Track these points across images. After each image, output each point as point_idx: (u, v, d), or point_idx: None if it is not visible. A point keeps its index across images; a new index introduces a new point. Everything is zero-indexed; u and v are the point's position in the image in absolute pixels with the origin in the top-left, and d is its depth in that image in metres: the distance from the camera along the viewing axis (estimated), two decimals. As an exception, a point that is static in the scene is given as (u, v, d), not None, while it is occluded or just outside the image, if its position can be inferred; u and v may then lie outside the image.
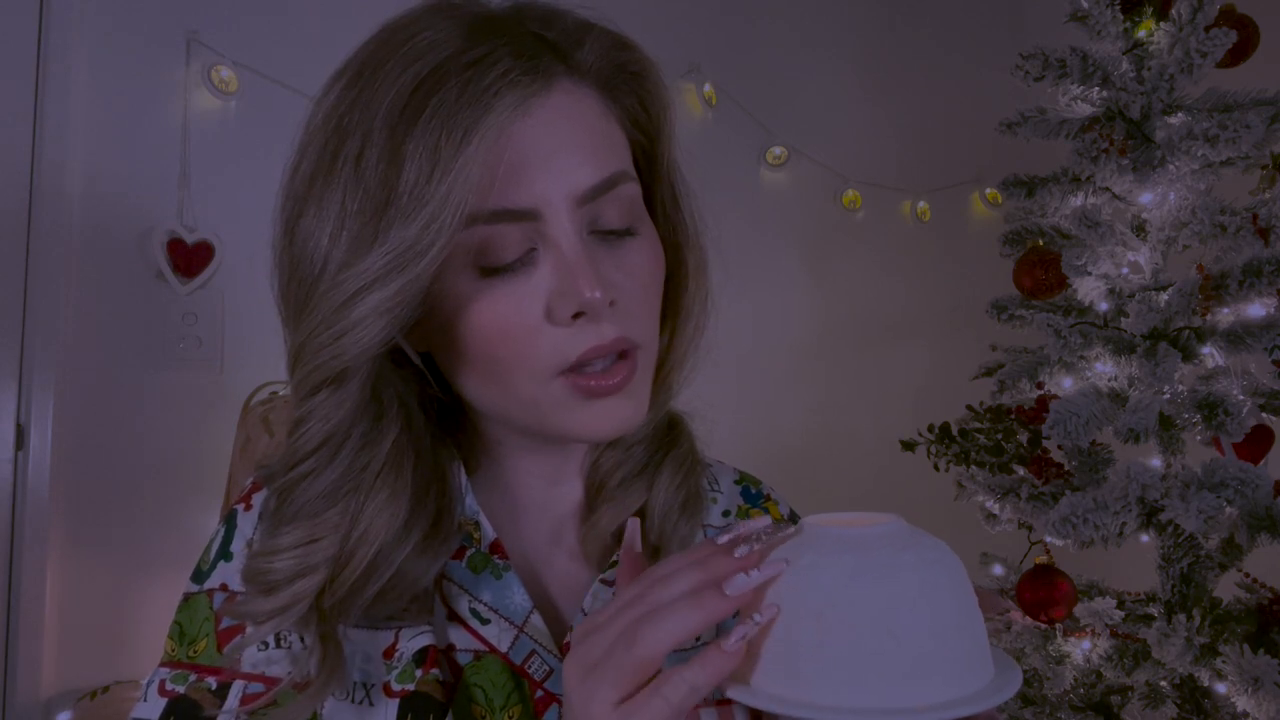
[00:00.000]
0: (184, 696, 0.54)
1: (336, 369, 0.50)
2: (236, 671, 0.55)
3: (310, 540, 0.52)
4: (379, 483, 0.54)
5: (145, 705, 0.55)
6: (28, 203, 1.64)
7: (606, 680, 0.42)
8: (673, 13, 2.22)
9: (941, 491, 1.75)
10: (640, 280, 0.54)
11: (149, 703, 0.55)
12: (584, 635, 0.44)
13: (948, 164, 2.56)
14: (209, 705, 0.54)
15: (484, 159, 0.48)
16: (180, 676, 0.55)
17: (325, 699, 0.52)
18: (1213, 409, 1.30)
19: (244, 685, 0.54)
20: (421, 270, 0.48)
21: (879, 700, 0.39)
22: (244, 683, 0.54)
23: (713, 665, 0.41)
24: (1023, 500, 1.51)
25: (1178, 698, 1.42)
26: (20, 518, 1.60)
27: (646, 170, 0.60)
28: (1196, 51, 1.37)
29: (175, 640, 0.57)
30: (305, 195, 0.51)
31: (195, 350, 1.75)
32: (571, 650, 0.45)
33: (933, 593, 0.40)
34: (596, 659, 0.43)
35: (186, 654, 0.56)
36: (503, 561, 0.59)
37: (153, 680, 0.56)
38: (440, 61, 0.48)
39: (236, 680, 0.54)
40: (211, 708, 0.54)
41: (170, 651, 0.57)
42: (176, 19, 1.74)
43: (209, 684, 0.55)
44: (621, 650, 0.42)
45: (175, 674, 0.56)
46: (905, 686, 0.39)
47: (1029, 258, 1.52)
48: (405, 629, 0.55)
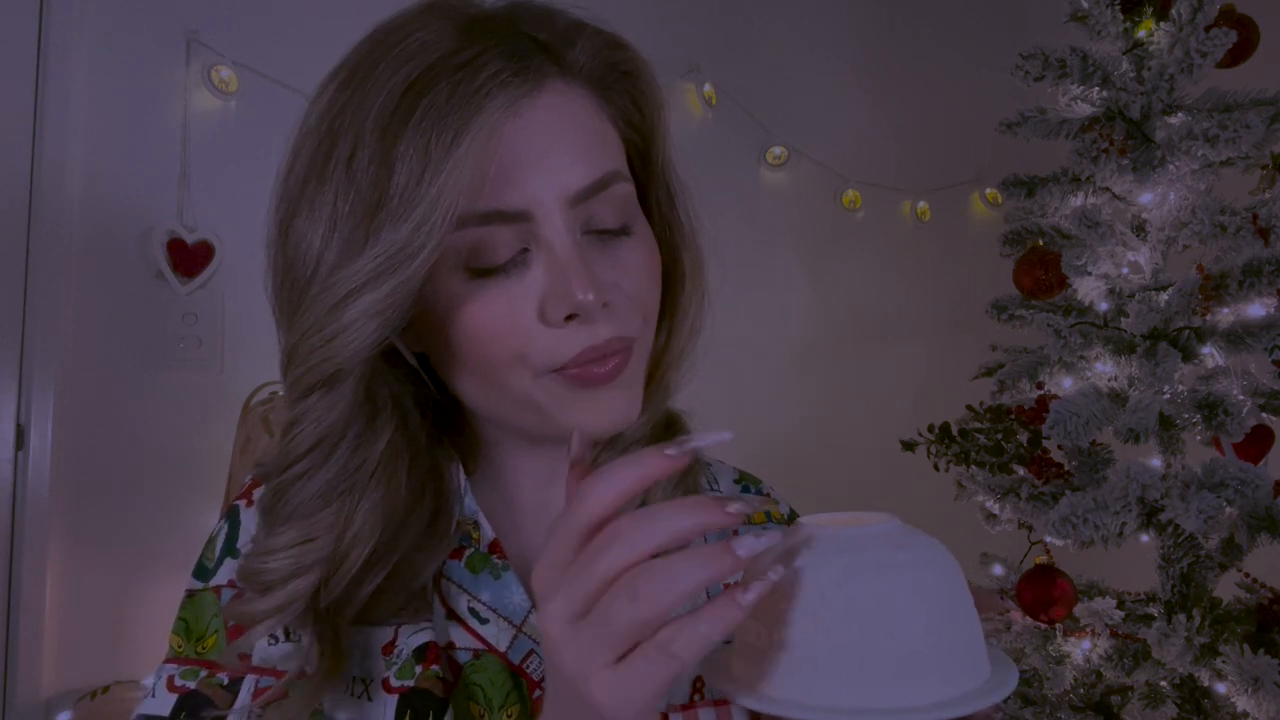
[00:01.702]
0: (195, 692, 0.54)
1: (328, 371, 0.50)
2: (247, 666, 0.55)
3: (305, 540, 0.52)
4: (373, 483, 0.54)
5: (153, 702, 0.55)
6: (28, 203, 1.64)
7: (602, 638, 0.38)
8: (672, 13, 2.22)
9: (941, 491, 1.75)
10: (635, 280, 0.54)
11: (157, 699, 0.55)
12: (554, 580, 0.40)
13: (948, 164, 2.56)
14: (221, 700, 0.54)
15: (474, 160, 0.48)
16: (190, 672, 0.55)
17: (324, 694, 0.52)
18: (1213, 409, 1.30)
19: (255, 680, 0.54)
20: (413, 272, 0.48)
21: (874, 700, 0.39)
22: (255, 677, 0.54)
23: (726, 619, 0.38)
24: (1023, 500, 1.51)
25: (1178, 698, 1.42)
26: (20, 518, 1.61)
27: (641, 170, 0.60)
28: (1196, 51, 1.37)
29: (182, 636, 0.57)
30: (298, 197, 0.51)
31: (195, 350, 1.75)
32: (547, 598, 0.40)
33: (928, 592, 0.40)
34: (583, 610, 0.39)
35: (195, 650, 0.56)
36: (501, 561, 0.59)
37: (159, 677, 0.56)
38: (431, 63, 0.48)
39: (248, 675, 0.55)
40: (223, 703, 0.54)
41: (177, 648, 0.57)
42: (176, 19, 1.75)
43: (220, 679, 0.55)
44: (622, 605, 0.38)
45: (185, 670, 0.56)
46: (901, 686, 0.39)
47: (1029, 258, 1.52)
48: (404, 626, 0.56)
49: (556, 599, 0.40)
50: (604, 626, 0.38)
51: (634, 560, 0.38)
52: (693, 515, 0.39)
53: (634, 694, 0.38)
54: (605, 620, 0.38)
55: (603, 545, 0.39)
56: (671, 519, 0.39)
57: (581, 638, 0.39)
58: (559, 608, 0.40)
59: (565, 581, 0.40)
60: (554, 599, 0.40)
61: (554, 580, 0.40)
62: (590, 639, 0.39)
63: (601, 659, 0.38)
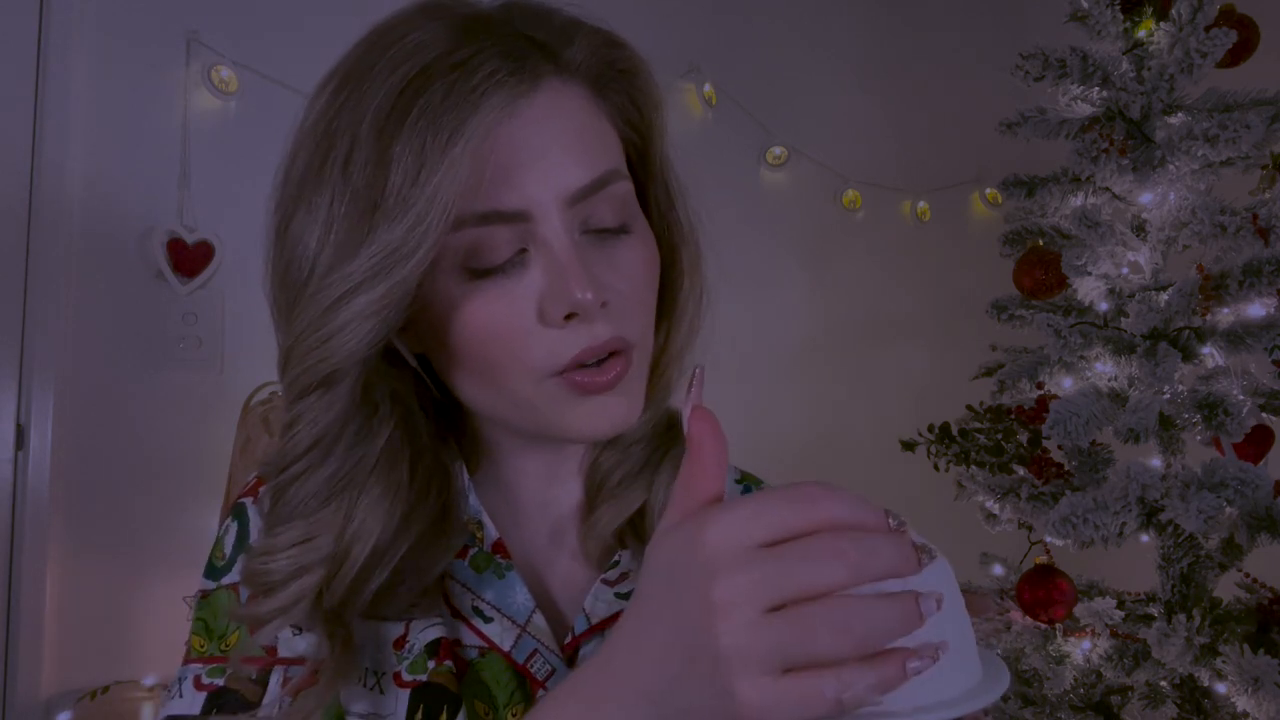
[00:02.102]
0: (225, 689, 0.55)
1: (325, 371, 0.50)
2: (274, 659, 0.55)
3: (306, 539, 0.53)
4: (372, 479, 0.54)
5: (180, 702, 0.55)
6: (28, 203, 1.64)
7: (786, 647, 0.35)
8: (672, 12, 2.22)
9: (941, 491, 1.75)
10: (634, 279, 0.54)
11: (185, 699, 0.55)
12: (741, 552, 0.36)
13: (948, 164, 2.56)
14: (251, 694, 0.55)
15: (471, 160, 0.48)
16: (217, 670, 0.56)
17: (335, 691, 0.52)
18: (1213, 409, 1.30)
19: (283, 670, 0.55)
20: (408, 273, 0.48)
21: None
22: (283, 668, 0.55)
23: (891, 679, 0.36)
24: (1023, 500, 1.51)
25: (1178, 698, 1.42)
26: (20, 518, 1.61)
27: (639, 168, 0.60)
28: (1196, 51, 1.37)
29: (203, 636, 0.57)
30: (295, 198, 0.51)
31: (195, 350, 1.75)
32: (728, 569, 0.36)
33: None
34: (778, 601, 0.35)
35: (219, 648, 0.57)
36: (505, 561, 0.59)
37: (184, 677, 0.56)
38: (427, 63, 0.48)
39: (276, 667, 0.55)
40: (254, 696, 0.54)
41: (199, 648, 0.57)
42: (176, 19, 1.75)
43: (249, 673, 0.55)
44: (829, 634, 0.35)
45: (211, 668, 0.56)
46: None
47: (1029, 258, 1.52)
48: (416, 621, 0.56)
49: (743, 575, 0.36)
50: (797, 638, 0.35)
51: (844, 585, 0.36)
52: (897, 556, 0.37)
53: (783, 712, 0.35)
54: (803, 634, 0.35)
55: (818, 552, 0.36)
56: (885, 554, 0.36)
57: (764, 631, 0.35)
58: (749, 586, 0.35)
59: (769, 561, 0.36)
60: (740, 572, 0.36)
61: (744, 554, 0.36)
62: (774, 638, 0.35)
63: (772, 663, 0.35)
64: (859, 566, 0.36)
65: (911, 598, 0.36)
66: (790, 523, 0.37)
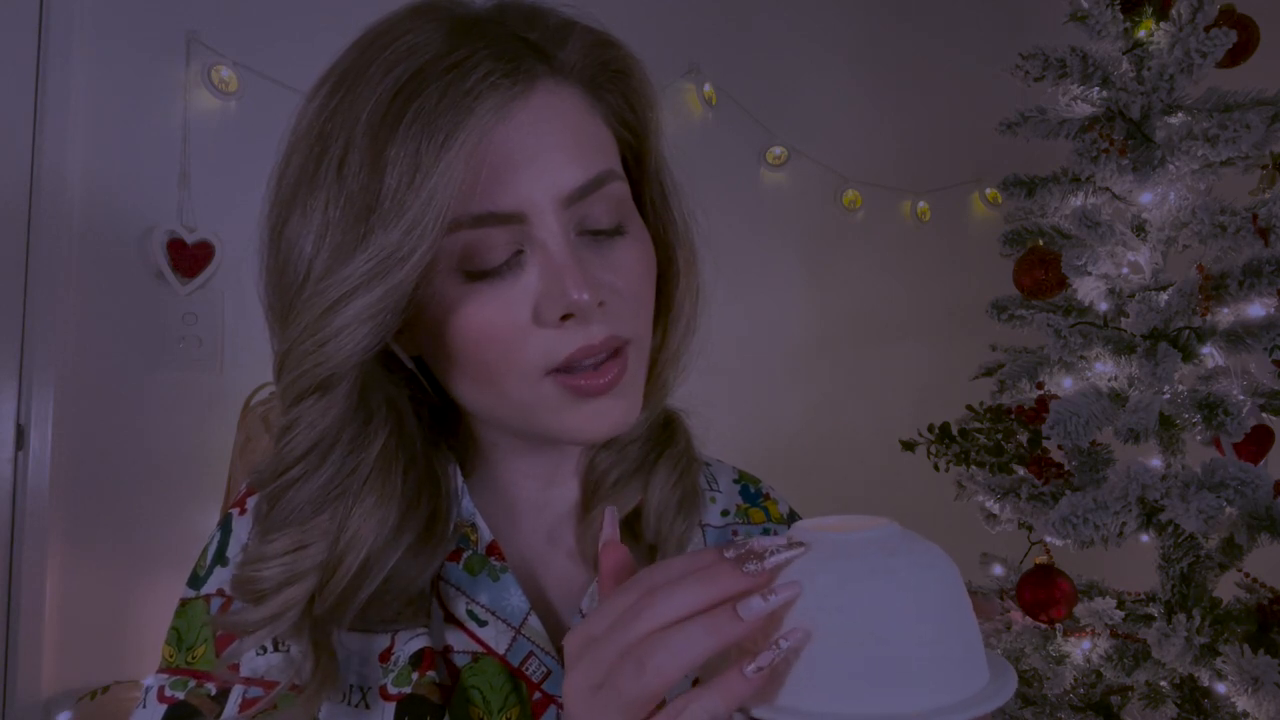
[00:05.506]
0: (183, 703, 0.54)
1: (321, 376, 0.50)
2: (235, 677, 0.54)
3: (298, 547, 0.52)
4: (366, 487, 0.54)
5: (144, 712, 0.55)
6: (28, 203, 1.64)
7: (613, 708, 0.40)
8: (672, 13, 2.22)
9: (941, 491, 1.75)
10: (630, 279, 0.54)
11: (148, 709, 0.55)
12: (582, 648, 0.42)
13: (948, 164, 2.56)
14: (208, 711, 0.54)
15: (466, 163, 0.47)
16: (179, 683, 0.55)
17: (319, 705, 0.52)
18: (1213, 409, 1.30)
19: (243, 690, 0.54)
20: (404, 276, 0.48)
21: (870, 707, 0.38)
22: (243, 688, 0.54)
23: (734, 692, 0.39)
24: (1023, 500, 1.51)
25: (1178, 698, 1.42)
26: (20, 518, 1.61)
27: (635, 168, 0.60)
28: (1196, 51, 1.37)
29: (173, 646, 0.57)
30: (290, 202, 0.51)
31: (195, 350, 1.75)
32: (572, 666, 0.42)
33: (924, 598, 0.40)
34: (601, 680, 0.40)
35: (185, 660, 0.56)
36: (500, 563, 0.59)
37: (151, 686, 0.56)
38: (421, 66, 0.48)
39: (235, 686, 0.54)
40: (211, 714, 0.54)
41: (168, 658, 0.57)
42: (176, 19, 1.75)
43: (208, 690, 0.55)
44: (630, 677, 0.39)
45: (174, 680, 0.56)
46: (896, 693, 0.39)
47: (1029, 258, 1.52)
48: (401, 632, 0.55)
49: (580, 667, 0.41)
50: (616, 698, 0.39)
51: (653, 630, 0.40)
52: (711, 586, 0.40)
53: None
54: (616, 691, 0.39)
55: (630, 617, 0.40)
56: (692, 591, 0.40)
57: (595, 706, 0.40)
58: (581, 676, 0.41)
59: (592, 649, 0.41)
60: (577, 666, 0.42)
61: (582, 649, 0.42)
62: (603, 708, 0.40)
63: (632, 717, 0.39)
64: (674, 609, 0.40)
65: (725, 609, 0.39)
66: (622, 606, 0.41)
